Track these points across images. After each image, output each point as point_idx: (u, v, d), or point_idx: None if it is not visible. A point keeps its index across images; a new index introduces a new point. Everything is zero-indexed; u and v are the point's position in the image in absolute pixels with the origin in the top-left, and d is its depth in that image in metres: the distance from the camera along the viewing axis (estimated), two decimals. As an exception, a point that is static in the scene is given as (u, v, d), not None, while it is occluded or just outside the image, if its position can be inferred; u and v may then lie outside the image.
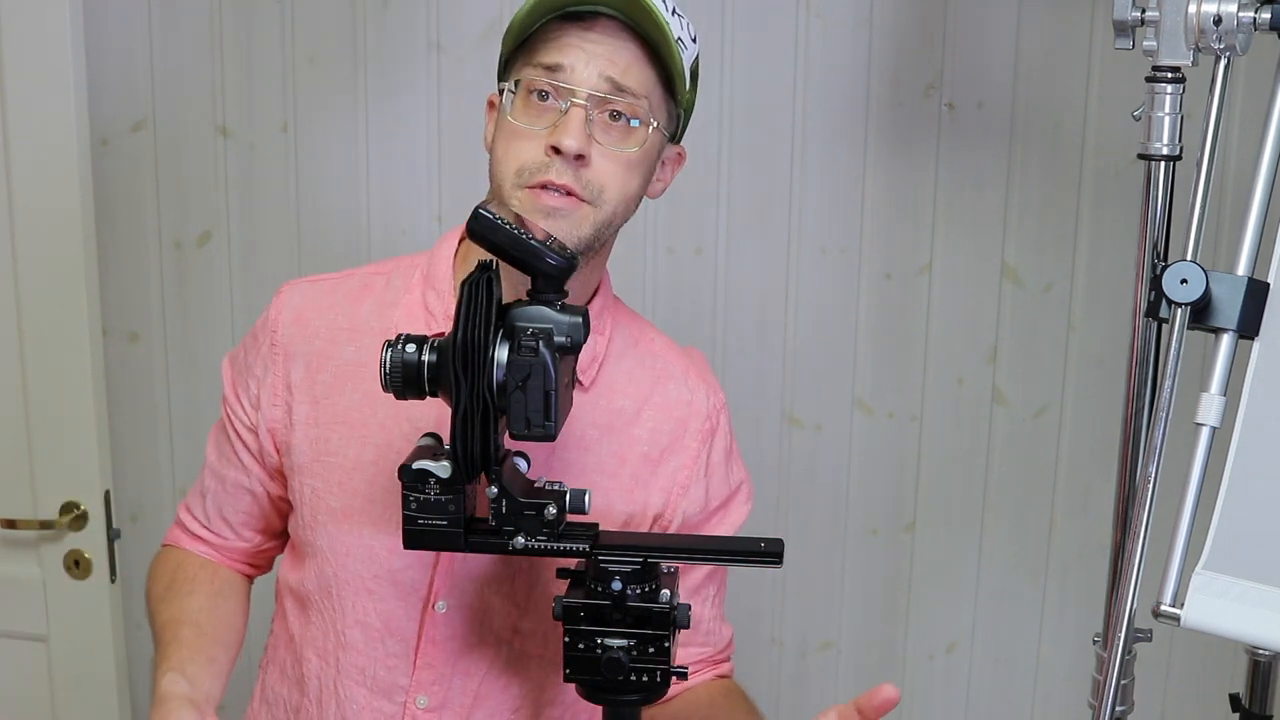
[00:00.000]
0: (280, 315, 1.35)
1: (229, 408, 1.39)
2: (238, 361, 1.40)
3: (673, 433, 1.35)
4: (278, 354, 1.34)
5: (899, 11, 2.02)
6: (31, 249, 1.95)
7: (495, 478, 1.13)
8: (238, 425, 1.37)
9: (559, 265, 1.10)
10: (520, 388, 1.07)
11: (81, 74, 1.92)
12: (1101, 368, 2.08)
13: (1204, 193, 1.32)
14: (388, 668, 1.32)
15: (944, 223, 2.07)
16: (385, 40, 2.07)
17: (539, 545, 1.15)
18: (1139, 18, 1.36)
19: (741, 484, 1.43)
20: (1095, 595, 1.61)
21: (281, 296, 1.37)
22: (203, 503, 1.43)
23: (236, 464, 1.39)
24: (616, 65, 1.22)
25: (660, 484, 1.34)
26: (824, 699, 2.22)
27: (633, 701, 1.17)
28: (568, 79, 1.21)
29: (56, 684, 2.09)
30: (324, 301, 1.35)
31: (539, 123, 1.22)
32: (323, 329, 1.34)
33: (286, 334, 1.34)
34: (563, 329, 1.10)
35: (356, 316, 1.34)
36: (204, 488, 1.43)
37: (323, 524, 1.32)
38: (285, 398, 1.33)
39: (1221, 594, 1.26)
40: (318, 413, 1.32)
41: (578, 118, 1.20)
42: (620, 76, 1.22)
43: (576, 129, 1.20)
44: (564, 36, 1.22)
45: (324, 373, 1.32)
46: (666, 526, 1.35)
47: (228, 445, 1.39)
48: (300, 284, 1.38)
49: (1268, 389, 1.27)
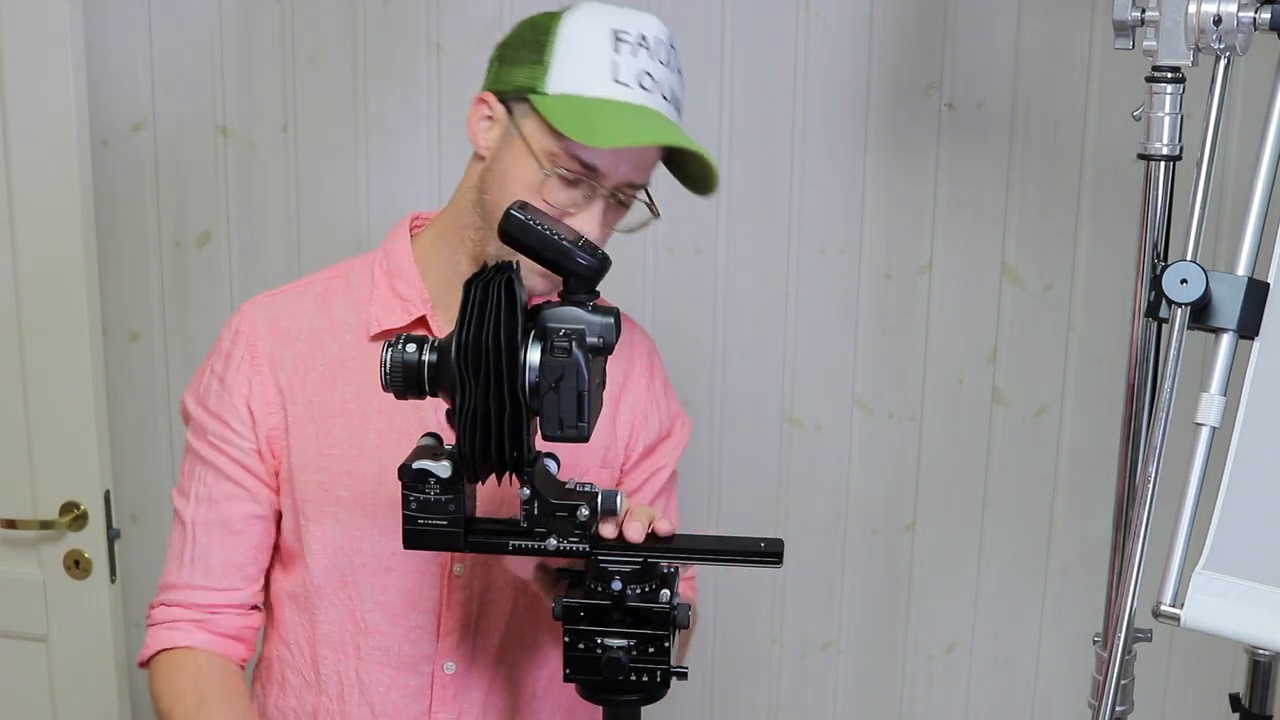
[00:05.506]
0: (254, 328, 1.37)
1: (220, 444, 1.36)
2: (211, 394, 1.37)
3: (625, 371, 1.47)
4: (260, 364, 1.36)
5: (899, 11, 2.02)
6: (31, 249, 1.95)
7: (528, 479, 1.13)
8: (236, 455, 1.36)
9: (591, 265, 1.11)
10: (553, 389, 1.08)
11: (81, 74, 1.92)
12: (1101, 368, 2.08)
13: (1204, 193, 1.32)
14: (411, 641, 1.36)
15: (944, 223, 2.07)
16: (385, 40, 2.07)
17: (533, 546, 1.15)
18: (1139, 18, 1.36)
19: (679, 413, 1.56)
20: (1095, 595, 1.61)
21: (244, 314, 1.39)
22: (196, 567, 1.37)
23: (243, 497, 1.37)
24: (641, 170, 1.31)
25: (625, 416, 1.46)
26: (824, 699, 2.22)
27: (633, 701, 1.17)
28: (599, 179, 1.28)
29: (56, 684, 2.09)
30: (294, 309, 1.39)
31: (563, 202, 1.28)
32: (302, 333, 1.37)
33: (266, 344, 1.36)
34: (595, 329, 1.11)
35: (331, 316, 1.38)
36: (192, 554, 1.37)
37: (332, 514, 1.34)
38: (279, 402, 1.35)
39: (1221, 594, 1.26)
40: (313, 410, 1.35)
41: (599, 210, 1.29)
42: (641, 178, 1.32)
43: (598, 221, 1.28)
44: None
45: (312, 372, 1.35)
46: (631, 454, 1.47)
47: (225, 485, 1.36)
48: (261, 300, 1.41)
49: (1268, 389, 1.27)
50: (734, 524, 2.15)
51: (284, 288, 1.42)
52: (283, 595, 1.40)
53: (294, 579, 1.38)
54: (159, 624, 1.38)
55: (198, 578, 1.37)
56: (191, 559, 1.37)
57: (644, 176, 1.32)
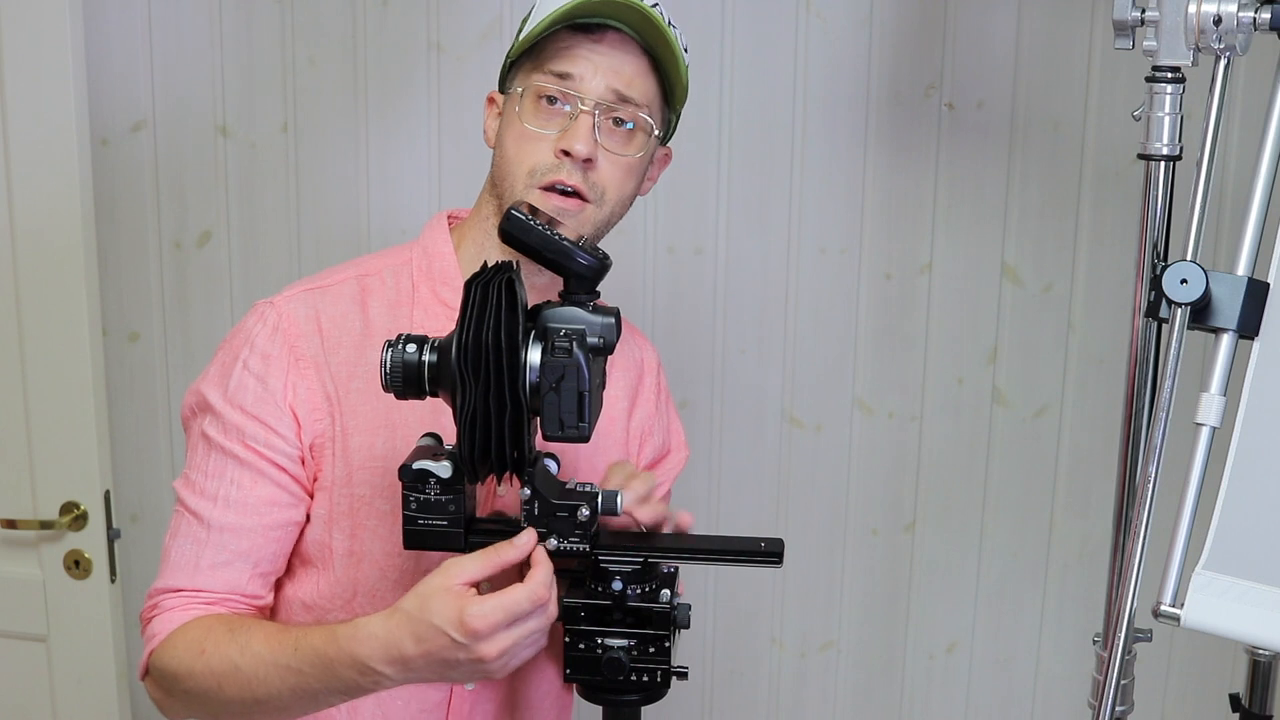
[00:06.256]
0: (296, 327, 1.29)
1: (262, 448, 1.27)
2: (249, 393, 1.28)
3: (634, 386, 1.47)
4: (305, 367, 1.29)
5: (899, 11, 2.02)
6: (31, 249, 1.95)
7: (528, 480, 1.13)
8: (282, 461, 1.28)
9: (591, 265, 1.12)
10: (554, 389, 1.08)
11: (81, 74, 1.92)
12: (1101, 368, 2.08)
13: (1204, 193, 1.32)
14: None
15: (944, 223, 2.07)
16: (385, 40, 2.07)
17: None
18: (1139, 18, 1.36)
19: (679, 432, 1.56)
20: (1095, 595, 1.61)
21: (280, 310, 1.30)
22: (217, 573, 1.27)
23: (286, 503, 1.29)
24: (622, 76, 1.28)
25: (635, 432, 1.46)
26: (824, 699, 2.22)
27: (633, 701, 1.17)
28: (577, 87, 1.27)
29: (56, 684, 2.09)
30: (332, 310, 1.32)
31: (549, 126, 1.28)
32: (344, 337, 1.31)
33: (309, 346, 1.29)
34: (595, 329, 1.11)
35: (369, 320, 1.33)
36: (213, 559, 1.27)
37: (372, 529, 1.30)
38: (326, 408, 1.28)
39: (1221, 594, 1.26)
40: (358, 421, 1.30)
41: (586, 124, 1.27)
42: (625, 88, 1.29)
43: (586, 134, 1.26)
44: (575, 47, 1.28)
45: (355, 379, 1.30)
46: (638, 465, 1.45)
47: (267, 489, 1.27)
48: (296, 295, 1.32)
49: (1268, 389, 1.27)
50: (734, 524, 2.15)
51: (317, 282, 1.34)
52: (295, 603, 1.34)
53: (312, 588, 1.33)
54: (164, 612, 1.27)
55: (218, 583, 1.27)
56: (213, 565, 1.27)
57: (630, 87, 1.28)
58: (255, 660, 1.18)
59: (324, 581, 1.32)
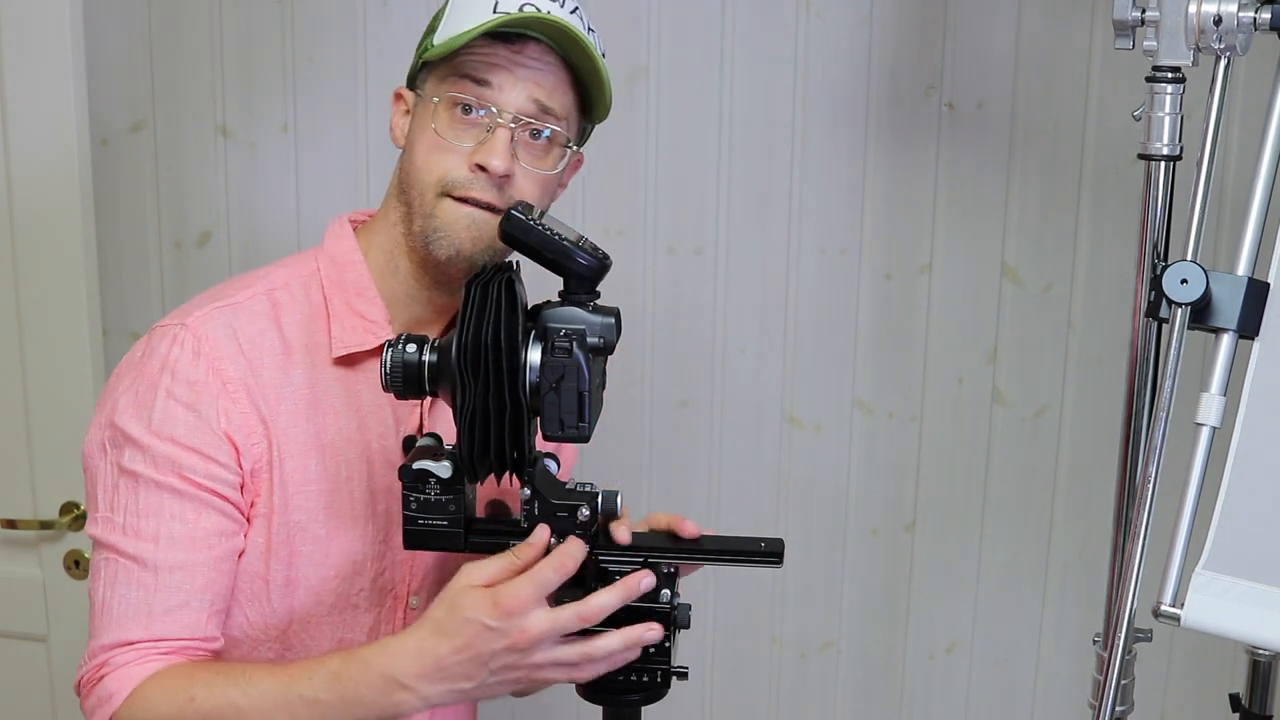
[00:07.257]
0: (217, 349, 1.22)
1: (203, 479, 1.20)
2: (179, 423, 1.20)
3: None
4: (235, 390, 1.22)
5: (899, 11, 2.02)
6: (31, 249, 1.95)
7: (528, 480, 1.13)
8: (225, 491, 1.21)
9: (591, 265, 1.11)
10: (554, 389, 1.08)
11: (81, 74, 1.92)
12: (1101, 368, 2.08)
13: (1204, 193, 1.32)
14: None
15: (944, 223, 2.07)
16: (385, 40, 2.07)
17: None
18: (1139, 18, 1.36)
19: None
20: (1095, 595, 1.61)
21: (195, 332, 1.23)
22: (170, 619, 1.18)
23: (233, 532, 1.23)
24: (543, 88, 1.25)
25: None
26: (824, 699, 2.22)
27: (633, 701, 1.17)
28: (495, 98, 1.24)
29: (56, 684, 2.09)
30: (248, 329, 1.26)
31: (465, 138, 1.24)
32: (265, 357, 1.25)
33: (234, 368, 1.23)
34: (595, 329, 1.11)
35: (285, 338, 1.27)
36: (166, 603, 1.18)
37: (307, 555, 1.27)
38: (263, 433, 1.23)
39: (1221, 594, 1.26)
40: (291, 445, 1.25)
41: (504, 138, 1.23)
42: (546, 99, 1.26)
43: (503, 150, 1.23)
44: (493, 56, 1.24)
45: (284, 401, 1.25)
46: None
47: (214, 519, 1.21)
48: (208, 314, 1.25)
49: (1268, 389, 1.27)
50: (734, 524, 2.15)
51: (224, 299, 1.27)
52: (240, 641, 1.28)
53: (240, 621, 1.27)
54: (117, 669, 1.16)
55: (177, 628, 1.18)
56: (167, 609, 1.18)
57: (551, 98, 1.25)
58: (263, 697, 1.13)
59: (255, 613, 1.27)
